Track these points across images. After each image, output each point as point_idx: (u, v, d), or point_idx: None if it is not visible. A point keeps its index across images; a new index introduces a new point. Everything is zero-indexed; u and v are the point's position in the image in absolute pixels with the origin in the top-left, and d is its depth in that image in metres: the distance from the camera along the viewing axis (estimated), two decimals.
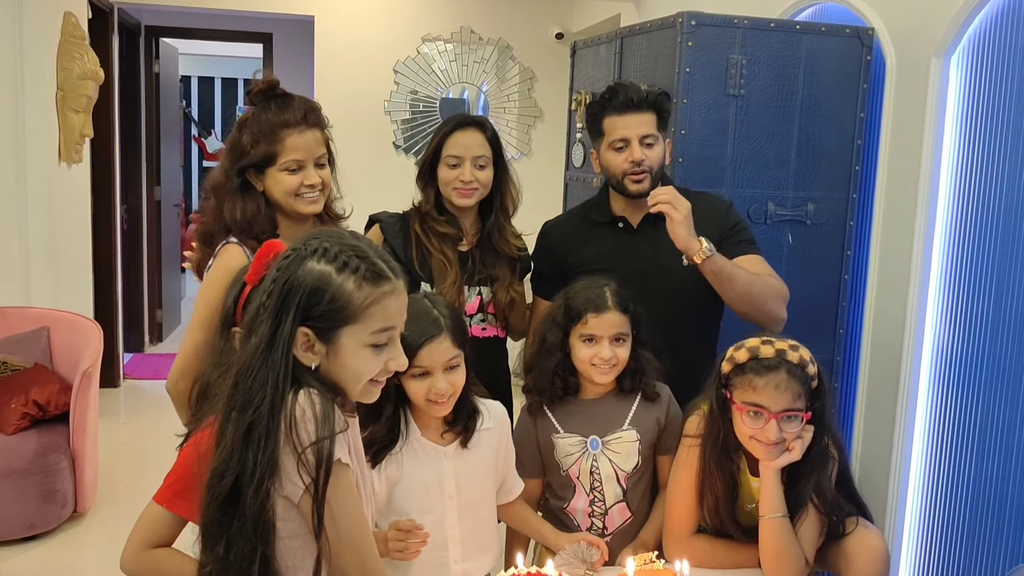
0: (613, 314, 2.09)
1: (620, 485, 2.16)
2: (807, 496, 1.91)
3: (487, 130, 2.40)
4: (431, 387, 1.87)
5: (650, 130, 2.32)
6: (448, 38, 6.00)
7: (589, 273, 2.35)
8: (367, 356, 1.41)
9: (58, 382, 3.85)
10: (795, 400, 1.86)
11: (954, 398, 2.54)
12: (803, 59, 2.71)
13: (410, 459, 1.93)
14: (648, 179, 2.32)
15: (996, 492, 2.39)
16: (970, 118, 2.50)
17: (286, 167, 2.07)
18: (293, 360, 1.37)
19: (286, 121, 2.05)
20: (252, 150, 2.06)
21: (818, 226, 2.78)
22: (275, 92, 2.09)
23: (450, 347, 1.88)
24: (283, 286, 1.37)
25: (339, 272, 1.37)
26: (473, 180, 2.35)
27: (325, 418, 1.34)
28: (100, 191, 5.45)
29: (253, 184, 2.10)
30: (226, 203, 2.08)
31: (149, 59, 6.50)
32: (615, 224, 2.42)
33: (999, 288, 2.39)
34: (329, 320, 1.37)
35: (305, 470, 1.33)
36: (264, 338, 1.36)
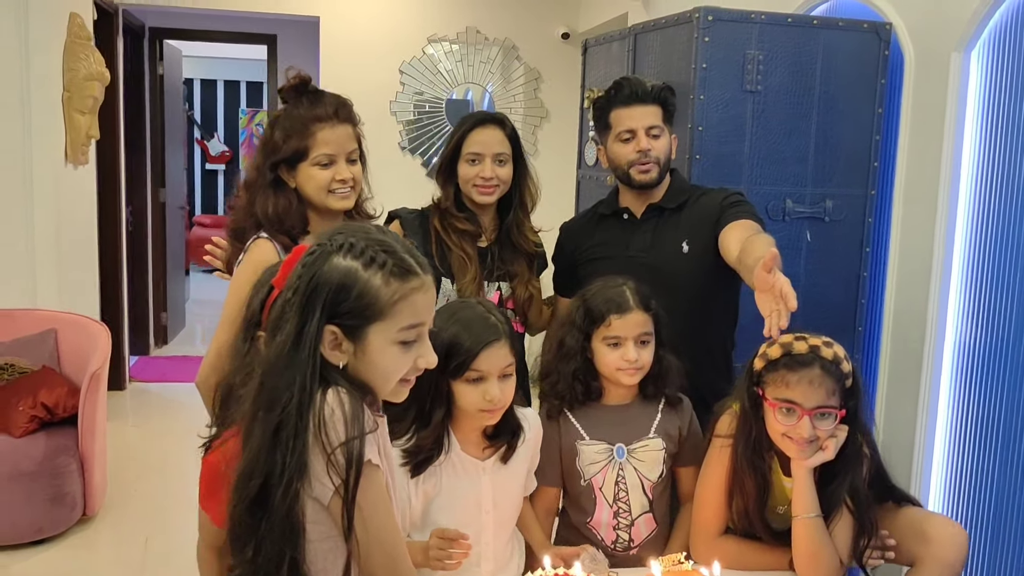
0: (637, 314, 2.05)
1: (646, 495, 2.10)
2: (841, 497, 1.87)
3: (507, 127, 2.40)
4: (485, 393, 1.82)
5: (656, 121, 2.34)
6: (454, 39, 5.98)
7: (592, 263, 2.40)
8: (396, 354, 1.37)
9: (66, 384, 3.82)
10: (829, 397, 1.82)
11: (976, 396, 2.51)
12: (820, 54, 2.69)
13: (449, 473, 1.88)
14: (656, 169, 2.34)
15: (1021, 491, 2.36)
16: (991, 113, 2.47)
17: (317, 162, 2.06)
18: (321, 359, 1.33)
19: (317, 116, 2.05)
20: (284, 145, 2.06)
21: (837, 223, 2.75)
22: (307, 88, 2.09)
23: (507, 354, 1.85)
24: (309, 283, 1.33)
25: (366, 268, 1.34)
26: (494, 176, 2.35)
27: (355, 418, 1.31)
28: (106, 193, 5.43)
29: (285, 180, 2.10)
30: (258, 198, 2.08)
31: (153, 61, 6.48)
32: (619, 215, 2.44)
33: (1022, 284, 2.36)
34: (356, 317, 1.34)
35: (335, 471, 1.30)
36: (290, 336, 1.33)
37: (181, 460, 4.60)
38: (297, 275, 1.36)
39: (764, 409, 1.89)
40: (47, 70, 4.25)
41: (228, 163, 11.09)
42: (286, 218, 2.07)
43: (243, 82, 10.96)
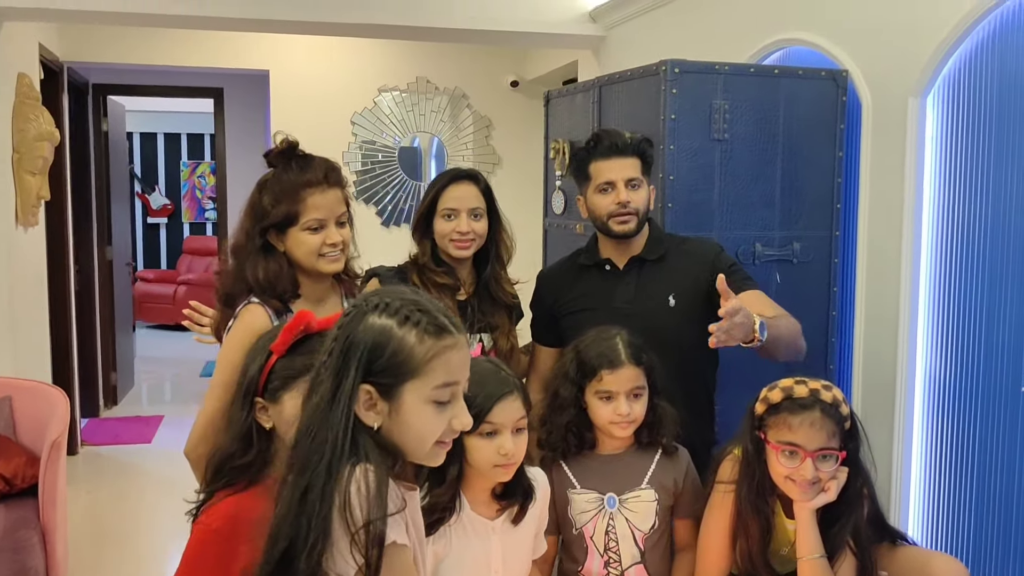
0: (628, 369, 2.07)
1: (637, 546, 2.10)
2: (844, 538, 1.91)
3: (480, 182, 2.45)
4: (500, 447, 1.80)
5: (635, 174, 2.37)
6: (404, 88, 6.02)
7: (575, 314, 2.43)
8: (430, 414, 1.36)
9: (24, 454, 3.69)
10: (830, 439, 1.87)
11: (950, 429, 2.58)
12: (782, 102, 2.77)
13: (459, 534, 1.86)
14: (634, 220, 2.37)
15: (999, 522, 2.42)
16: (948, 154, 2.57)
17: (308, 226, 2.05)
18: (355, 422, 1.32)
19: (308, 181, 2.04)
20: (273, 210, 2.05)
21: (805, 264, 2.83)
22: (295, 152, 2.08)
23: (520, 407, 1.84)
24: (344, 343, 1.34)
25: (400, 325, 1.34)
26: (470, 231, 2.38)
27: (379, 496, 1.29)
28: (54, 253, 5.31)
29: (274, 245, 2.08)
30: (248, 264, 2.06)
31: (98, 117, 6.40)
32: (601, 266, 2.46)
33: (988, 319, 2.44)
34: (391, 375, 1.33)
35: (358, 550, 1.28)
36: (325, 397, 1.32)
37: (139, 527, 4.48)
38: (333, 337, 1.36)
39: (766, 452, 1.93)
40: None
41: (170, 216, 10.94)
42: (277, 283, 2.06)
43: (184, 134, 10.86)
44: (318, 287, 2.14)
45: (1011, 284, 2.38)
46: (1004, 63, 2.39)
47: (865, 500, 1.98)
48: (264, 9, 4.17)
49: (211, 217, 10.77)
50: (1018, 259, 2.36)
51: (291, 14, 4.20)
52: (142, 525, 4.58)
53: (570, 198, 3.25)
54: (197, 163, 10.87)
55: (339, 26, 4.38)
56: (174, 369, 7.91)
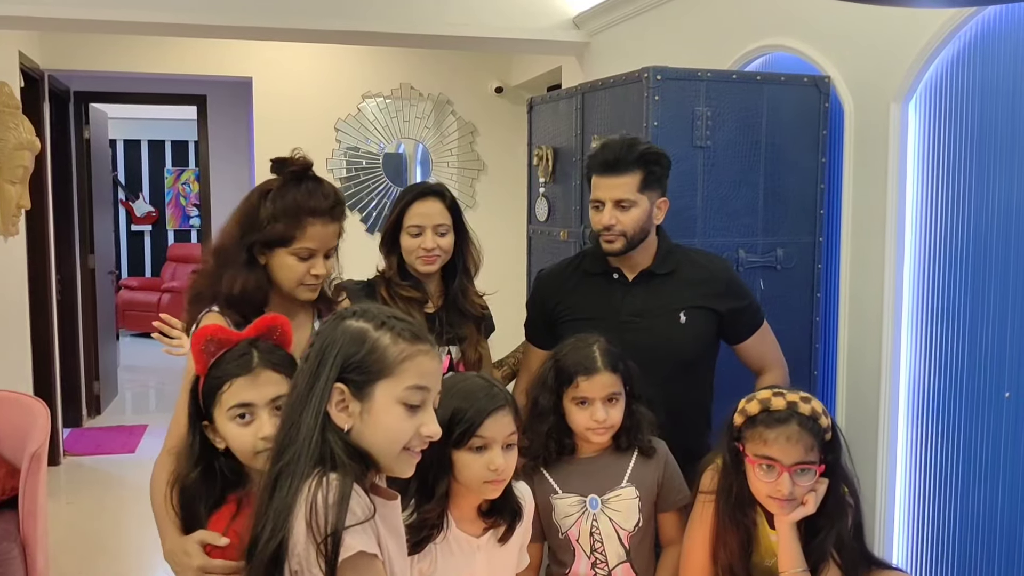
0: (604, 375, 2.09)
1: (622, 545, 2.12)
2: (827, 549, 1.90)
3: (446, 198, 2.45)
4: (490, 462, 1.77)
5: (625, 194, 2.31)
6: (388, 95, 6.01)
7: (578, 322, 2.38)
8: (401, 415, 1.38)
9: (4, 466, 3.65)
10: (807, 453, 1.85)
11: (934, 435, 2.58)
12: (765, 108, 2.77)
13: (444, 552, 1.84)
14: (621, 241, 2.34)
15: (983, 527, 2.42)
16: (932, 159, 2.57)
17: (298, 254, 1.99)
18: (326, 423, 1.36)
19: (313, 209, 1.97)
20: (269, 226, 1.98)
21: (788, 270, 2.82)
22: (307, 175, 2.02)
23: (511, 422, 1.82)
24: (321, 344, 1.40)
25: (376, 329, 1.40)
26: (435, 247, 2.40)
27: (342, 504, 1.30)
28: (35, 263, 5.28)
29: (256, 257, 2.03)
30: (228, 271, 2.00)
31: (79, 125, 6.36)
32: (609, 275, 2.43)
33: (972, 322, 2.44)
34: (365, 373, 1.37)
35: (324, 559, 1.29)
36: (300, 396, 1.37)
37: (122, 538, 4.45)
38: (310, 344, 1.43)
39: (745, 464, 1.92)
40: None
41: (154, 223, 10.88)
42: (252, 299, 2.00)
43: (168, 141, 10.81)
44: (289, 305, 2.09)
45: (993, 290, 2.38)
46: (985, 69, 2.39)
47: (850, 509, 1.96)
48: (247, 16, 4.15)
49: (195, 224, 10.72)
50: (1000, 265, 2.36)
51: (274, 21, 4.18)
52: (125, 536, 4.54)
53: (554, 205, 3.25)
54: (181, 170, 10.81)
55: (322, 33, 4.36)
56: (158, 378, 7.86)
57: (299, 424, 1.35)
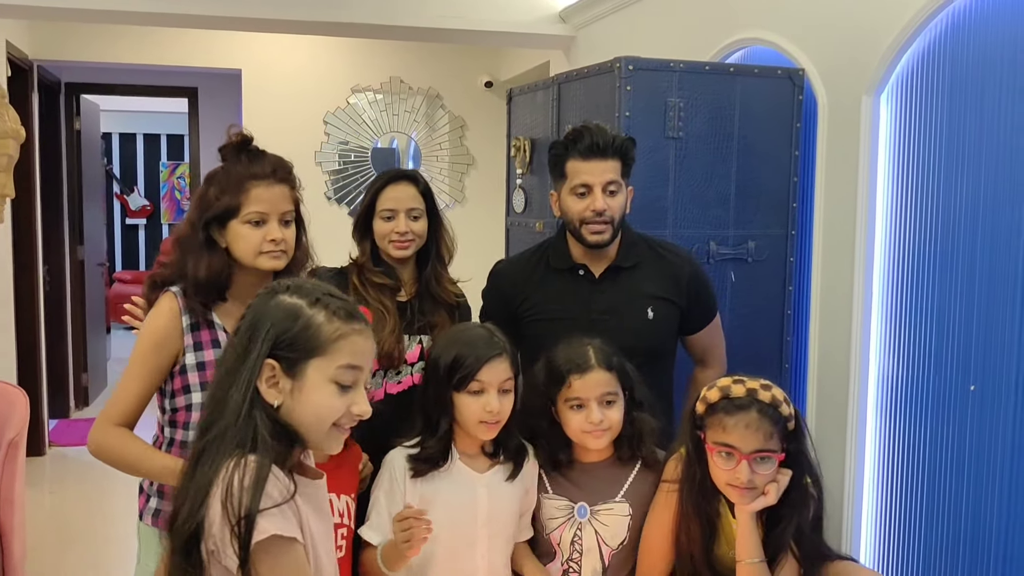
0: (598, 373, 2.00)
1: (601, 561, 2.05)
2: (786, 541, 1.87)
3: (419, 183, 2.43)
4: (486, 405, 1.91)
5: (614, 177, 2.25)
6: (377, 88, 6.01)
7: (548, 322, 2.32)
8: (331, 393, 1.38)
9: None
10: (767, 441, 1.82)
11: (902, 427, 2.58)
12: (738, 100, 2.77)
13: (447, 481, 1.96)
14: (609, 231, 2.26)
15: (948, 520, 2.42)
16: (902, 152, 2.57)
17: (248, 219, 1.99)
18: (254, 398, 1.34)
19: (253, 173, 2.00)
20: (217, 201, 2.00)
21: (759, 263, 2.82)
22: (247, 147, 2.04)
23: (507, 368, 1.95)
24: (252, 319, 1.38)
25: (311, 306, 1.39)
26: (408, 231, 2.37)
27: (257, 487, 1.28)
28: (21, 252, 5.27)
29: (217, 240, 2.03)
30: (190, 257, 2.00)
31: (70, 116, 6.35)
32: (575, 271, 2.35)
33: (940, 315, 2.44)
34: (297, 350, 1.36)
35: (237, 542, 1.28)
36: (229, 369, 1.36)
37: (104, 529, 4.44)
38: (243, 316, 1.41)
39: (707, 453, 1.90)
40: None
41: (149, 217, 10.88)
42: (217, 280, 2.00)
43: (163, 135, 10.80)
44: (255, 287, 2.07)
45: (961, 283, 2.38)
46: (955, 61, 2.39)
47: (813, 501, 1.93)
48: (236, 7, 4.15)
49: None
50: (967, 259, 2.36)
51: (263, 12, 4.18)
52: (106, 527, 4.54)
53: (531, 196, 3.24)
54: (177, 164, 10.80)
55: (311, 24, 4.36)
56: None
57: (226, 400, 1.34)
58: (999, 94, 2.26)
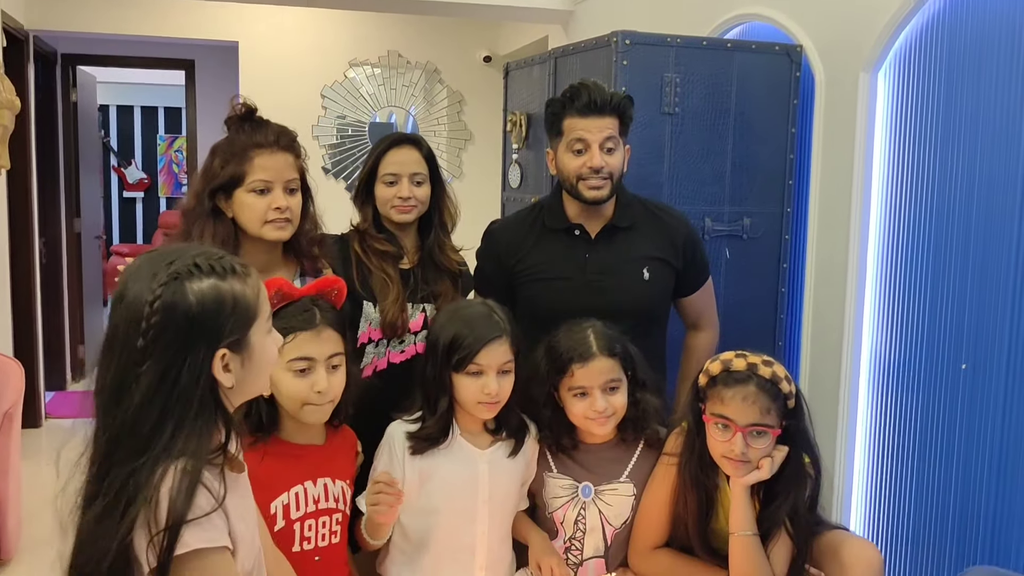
0: (601, 361, 1.98)
1: (604, 540, 2.06)
2: (780, 517, 1.88)
3: (423, 147, 2.39)
4: (484, 387, 1.89)
5: (612, 134, 2.23)
6: (375, 62, 5.97)
7: (543, 283, 2.31)
8: (271, 343, 1.40)
9: None
10: (763, 415, 1.83)
11: (893, 405, 2.58)
12: (735, 76, 2.75)
13: (447, 456, 1.95)
14: (608, 187, 2.24)
15: (938, 498, 2.43)
16: (899, 130, 2.56)
17: (253, 188, 2.01)
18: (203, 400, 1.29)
19: (257, 142, 2.02)
20: (221, 171, 2.02)
21: (754, 240, 2.81)
22: (251, 118, 2.07)
23: (507, 351, 1.92)
24: (176, 318, 1.26)
25: (223, 279, 1.31)
26: (411, 196, 2.33)
27: (187, 497, 1.23)
28: (17, 224, 5.25)
29: (223, 210, 2.05)
30: (195, 227, 2.02)
31: (66, 87, 6.31)
32: (570, 232, 2.32)
33: (933, 295, 2.44)
34: (241, 328, 1.32)
35: (154, 553, 1.23)
36: (167, 377, 1.25)
37: None
38: (142, 316, 1.26)
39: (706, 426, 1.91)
40: None
41: (147, 190, 10.84)
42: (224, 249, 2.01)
43: (161, 108, 10.73)
44: (262, 257, 2.08)
45: (955, 263, 2.37)
46: (953, 39, 2.37)
47: (809, 480, 1.94)
48: None
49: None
50: (961, 238, 2.35)
51: None
52: None
53: (526, 171, 3.23)
54: (174, 137, 10.75)
55: None
56: None
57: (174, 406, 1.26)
58: (996, 72, 2.25)
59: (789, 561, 1.90)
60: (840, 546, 1.96)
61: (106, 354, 1.30)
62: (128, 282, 1.29)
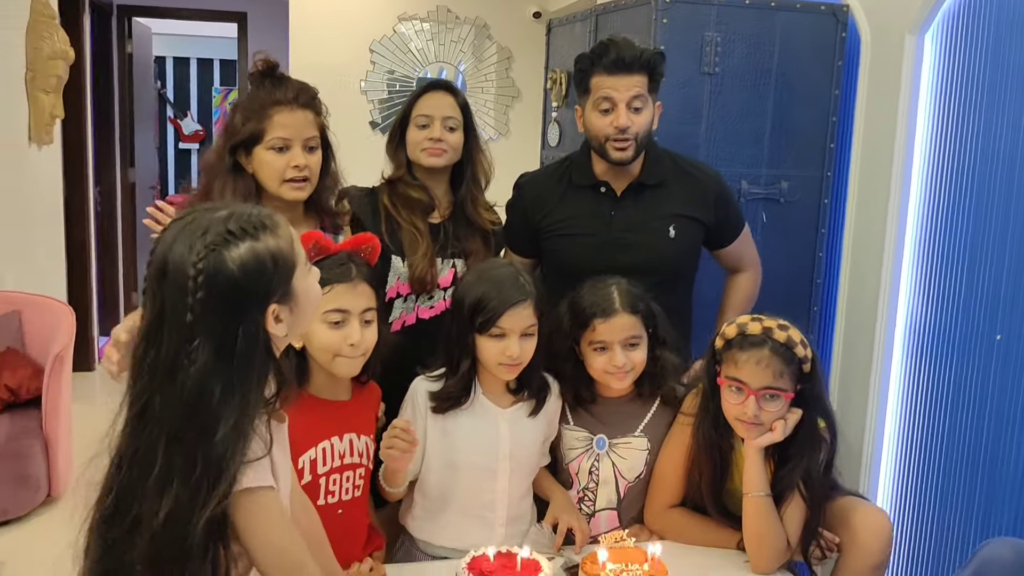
0: (622, 317, 2.00)
1: (617, 492, 2.09)
2: (794, 480, 1.90)
3: (458, 95, 2.37)
4: (505, 349, 1.90)
5: (640, 92, 2.19)
6: (424, 17, 5.95)
7: (567, 238, 2.31)
8: (313, 280, 1.42)
9: (30, 366, 3.81)
10: (776, 379, 1.84)
11: (926, 373, 2.55)
12: (778, 36, 2.70)
13: (469, 415, 1.98)
14: (633, 147, 2.21)
15: (967, 466, 2.40)
16: (944, 94, 2.50)
17: (272, 145, 2.03)
18: (265, 354, 1.33)
19: (276, 99, 2.03)
20: (242, 128, 2.03)
21: (792, 204, 2.78)
22: (273, 73, 2.07)
23: (531, 314, 1.92)
24: (222, 289, 1.27)
25: (258, 239, 1.31)
26: (443, 140, 2.30)
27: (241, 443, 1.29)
28: (72, 173, 5.38)
29: (244, 166, 2.07)
30: (216, 183, 2.04)
31: (122, 39, 6.41)
32: (596, 188, 2.31)
33: (971, 263, 2.39)
34: (284, 281, 1.34)
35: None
36: (217, 350, 1.27)
37: None
38: (187, 291, 1.26)
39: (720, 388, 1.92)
40: (9, 49, 4.20)
41: (201, 142, 10.99)
42: None
43: (216, 60, 10.84)
44: (284, 214, 2.07)
45: (993, 232, 2.32)
46: (1001, 1, 2.30)
47: (824, 444, 1.95)
48: None
49: None
50: (1002, 207, 2.30)
51: None
52: None
53: (565, 130, 3.22)
54: (229, 89, 10.85)
55: None
56: None
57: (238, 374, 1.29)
58: None
59: (802, 523, 1.91)
60: (851, 511, 1.96)
61: (154, 328, 1.29)
62: (167, 257, 1.28)
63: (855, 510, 1.97)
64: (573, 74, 2.32)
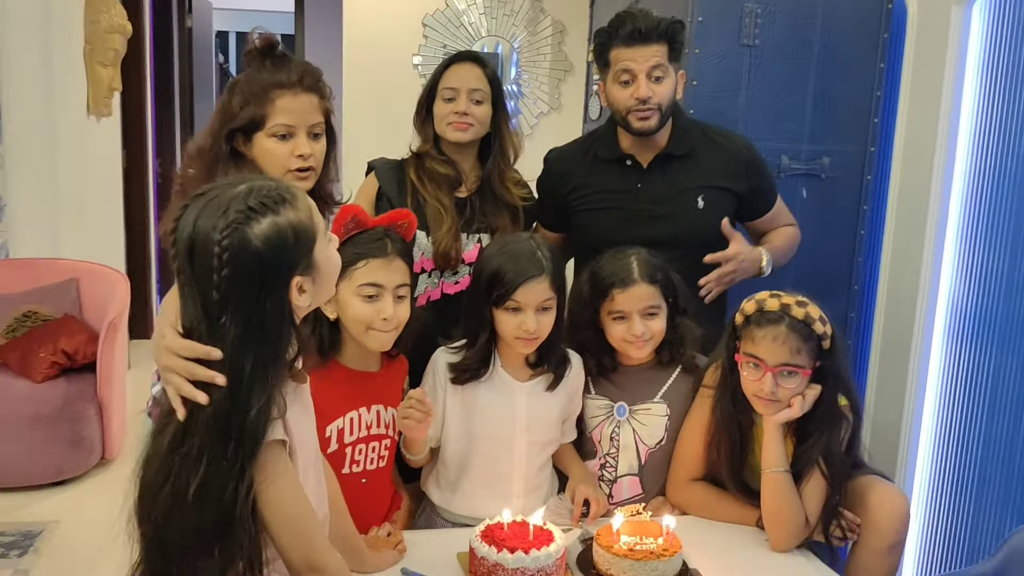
0: (641, 287, 2.01)
1: (638, 458, 2.11)
2: (813, 457, 1.89)
3: (487, 67, 2.31)
4: (521, 324, 1.91)
5: (659, 62, 2.17)
6: None
7: (594, 211, 2.31)
8: (332, 249, 1.42)
9: (86, 332, 3.92)
10: (794, 355, 1.83)
11: (967, 354, 2.50)
12: (821, 8, 2.64)
13: (488, 387, 1.99)
14: (656, 116, 2.19)
15: (1005, 450, 2.35)
16: (992, 68, 2.42)
17: (274, 132, 1.86)
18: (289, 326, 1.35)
19: (279, 82, 1.86)
20: (241, 112, 1.85)
21: (833, 180, 2.73)
22: (272, 52, 1.91)
23: (547, 288, 1.91)
24: (247, 266, 1.28)
25: (278, 214, 1.31)
26: (469, 113, 2.25)
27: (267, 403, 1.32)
28: (132, 145, 5.51)
29: (243, 152, 1.89)
30: (218, 171, 1.83)
31: (182, 13, 6.52)
32: (623, 161, 2.30)
33: (1015, 243, 2.33)
34: (306, 252, 1.35)
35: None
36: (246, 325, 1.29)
37: None
38: (212, 269, 1.28)
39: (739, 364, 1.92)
40: (67, 22, 4.31)
41: None
42: None
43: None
44: None
45: None
46: None
47: (846, 423, 1.93)
48: None
49: None
50: None
51: None
52: None
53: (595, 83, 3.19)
54: None
55: None
56: None
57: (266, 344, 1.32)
58: None
59: (822, 501, 1.90)
60: (868, 490, 1.94)
61: (188, 300, 1.32)
62: (191, 236, 1.30)
63: (872, 489, 1.94)
64: (593, 48, 2.31)
